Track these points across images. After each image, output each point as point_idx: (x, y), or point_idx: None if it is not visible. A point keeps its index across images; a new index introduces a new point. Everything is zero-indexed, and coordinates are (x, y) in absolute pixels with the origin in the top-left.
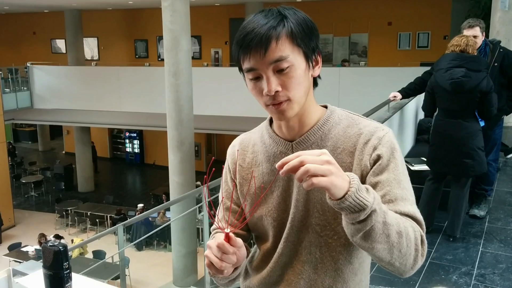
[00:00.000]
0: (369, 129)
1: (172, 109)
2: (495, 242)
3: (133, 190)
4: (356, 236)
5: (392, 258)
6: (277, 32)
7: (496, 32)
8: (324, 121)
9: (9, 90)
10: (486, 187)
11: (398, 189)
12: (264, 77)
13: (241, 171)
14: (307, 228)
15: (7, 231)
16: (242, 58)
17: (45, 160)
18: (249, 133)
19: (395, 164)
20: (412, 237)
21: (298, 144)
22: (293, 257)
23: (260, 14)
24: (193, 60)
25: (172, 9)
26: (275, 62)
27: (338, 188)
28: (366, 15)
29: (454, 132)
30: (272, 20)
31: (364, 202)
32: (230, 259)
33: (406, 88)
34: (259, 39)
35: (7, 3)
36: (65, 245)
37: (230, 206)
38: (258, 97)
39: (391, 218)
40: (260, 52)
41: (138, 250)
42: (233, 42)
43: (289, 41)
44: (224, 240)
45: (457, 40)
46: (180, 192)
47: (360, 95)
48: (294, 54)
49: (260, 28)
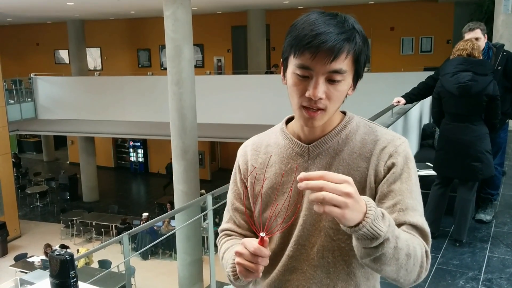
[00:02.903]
0: (386, 137)
1: (175, 118)
2: (501, 246)
3: (138, 199)
4: (365, 259)
5: (398, 276)
6: (350, 47)
7: (499, 36)
8: (342, 127)
9: (13, 101)
10: (492, 191)
11: (409, 199)
12: (314, 79)
13: (253, 172)
14: (320, 232)
15: (13, 241)
16: (301, 54)
17: (49, 171)
18: (261, 135)
19: (408, 174)
20: (419, 255)
21: (315, 147)
22: (303, 261)
23: (334, 20)
24: (196, 68)
25: (174, 18)
26: (333, 72)
27: (349, 220)
28: (368, 20)
29: (462, 136)
30: (349, 32)
31: (378, 232)
32: (266, 262)
33: (410, 93)
34: (333, 45)
35: (10, 15)
36: (72, 254)
37: (245, 205)
38: (296, 95)
39: (402, 241)
40: (328, 58)
41: (143, 259)
42: (295, 33)
43: (353, 59)
44: (259, 244)
45: (462, 44)
46: (184, 200)
47: (364, 100)
48: (350, 72)
49: (336, 35)
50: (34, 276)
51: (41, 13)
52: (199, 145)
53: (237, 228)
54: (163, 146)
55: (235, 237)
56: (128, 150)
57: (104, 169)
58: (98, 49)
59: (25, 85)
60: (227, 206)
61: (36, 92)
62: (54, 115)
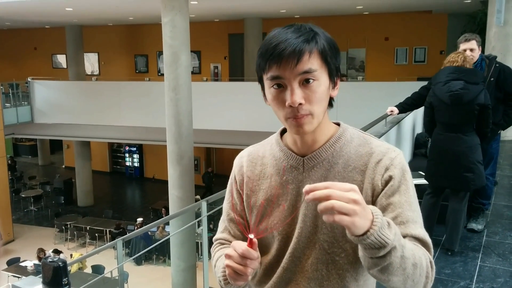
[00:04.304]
0: (380, 149)
1: (171, 124)
2: (493, 256)
3: (133, 204)
4: (373, 269)
5: (405, 287)
6: (311, 46)
7: (491, 47)
8: (336, 139)
9: (9, 105)
10: (484, 201)
11: (409, 211)
12: (289, 88)
13: (249, 183)
14: (315, 244)
15: (6, 245)
16: (269, 67)
17: (45, 175)
18: (257, 145)
19: (406, 186)
20: (424, 265)
21: (309, 160)
22: (298, 273)
23: (291, 28)
24: (193, 75)
25: (172, 24)
26: (304, 74)
27: (359, 228)
28: (363, 30)
29: (454, 146)
30: (306, 34)
31: (385, 240)
32: (255, 265)
33: (403, 103)
34: (293, 49)
35: (8, 19)
36: (65, 261)
37: (241, 216)
38: (279, 109)
39: (408, 250)
40: (292, 62)
41: (137, 265)
42: (260, 51)
43: (320, 57)
44: (248, 245)
45: (453, 56)
46: (179, 206)
47: (358, 109)
48: (321, 70)
49: (294, 40)
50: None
51: (39, 18)
52: (195, 151)
53: (232, 238)
54: (158, 151)
55: (229, 246)
56: (124, 155)
57: (100, 174)
58: (95, 54)
59: (22, 89)
60: (223, 216)
61: (32, 96)
62: (50, 119)
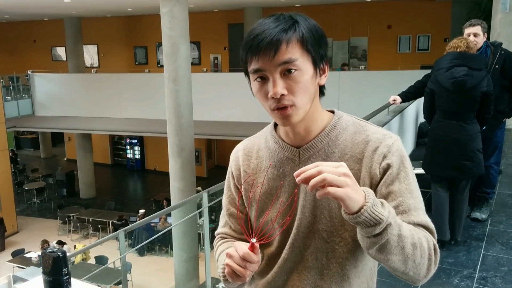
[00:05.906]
0: (377, 136)
1: (172, 115)
2: (497, 245)
3: (134, 196)
4: (371, 249)
5: (406, 268)
6: (288, 36)
7: (497, 34)
8: (331, 128)
9: (10, 98)
10: (488, 190)
11: (410, 199)
12: (270, 79)
13: (246, 177)
14: (314, 234)
15: (11, 237)
16: (250, 60)
17: (47, 167)
18: (253, 138)
19: (405, 173)
20: (425, 247)
21: (305, 150)
22: (298, 263)
23: (271, 18)
24: (193, 66)
25: (171, 15)
26: (283, 64)
27: (353, 200)
28: (365, 18)
29: (454, 134)
30: (284, 23)
31: (380, 216)
32: (254, 268)
33: (406, 91)
34: (270, 40)
35: (7, 12)
36: (64, 251)
37: (240, 210)
38: (263, 101)
39: (406, 230)
40: (269, 53)
41: (140, 256)
42: (242, 44)
43: (299, 45)
44: (249, 249)
45: (455, 42)
46: (181, 197)
47: (360, 99)
48: (303, 59)
49: (271, 30)
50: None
51: (38, 10)
52: (196, 143)
53: (233, 232)
54: (159, 143)
55: (231, 240)
56: (125, 147)
57: (101, 166)
58: (95, 46)
59: (22, 82)
60: (223, 211)
61: (33, 89)
62: (51, 112)
